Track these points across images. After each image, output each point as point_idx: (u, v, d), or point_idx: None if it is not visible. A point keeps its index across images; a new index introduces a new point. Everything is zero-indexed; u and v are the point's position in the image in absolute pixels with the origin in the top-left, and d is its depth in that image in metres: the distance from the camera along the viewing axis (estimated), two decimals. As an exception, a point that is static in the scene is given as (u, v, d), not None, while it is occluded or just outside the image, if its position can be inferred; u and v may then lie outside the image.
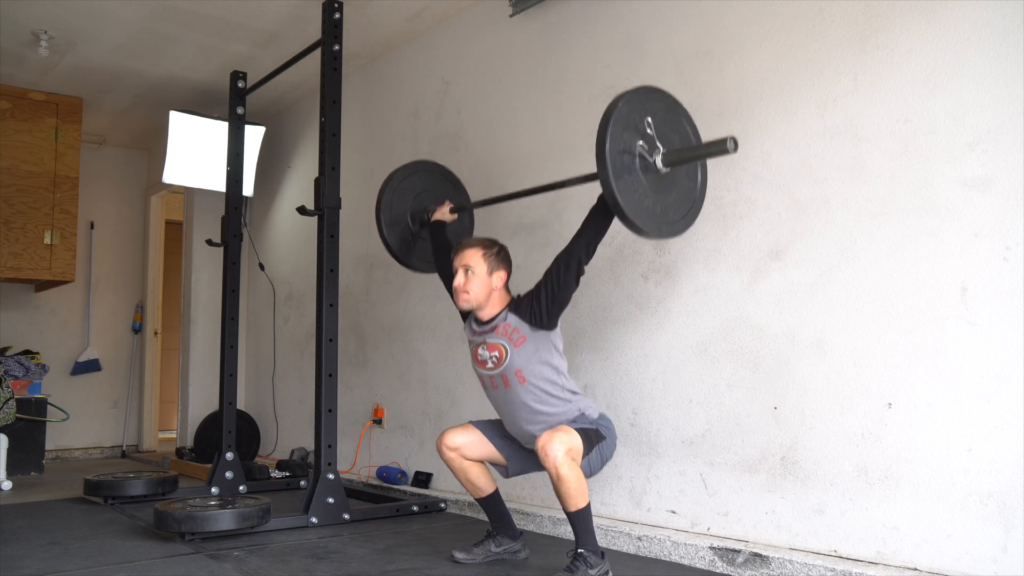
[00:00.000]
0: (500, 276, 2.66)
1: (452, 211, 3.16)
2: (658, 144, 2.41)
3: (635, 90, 2.43)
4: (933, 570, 2.26)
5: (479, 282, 2.63)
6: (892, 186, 2.42)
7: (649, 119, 2.41)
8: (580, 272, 2.50)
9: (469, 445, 2.73)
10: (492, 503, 2.81)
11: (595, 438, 2.55)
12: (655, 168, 2.40)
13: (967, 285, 2.25)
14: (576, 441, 2.44)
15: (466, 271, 2.65)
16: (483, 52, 4.07)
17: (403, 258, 3.25)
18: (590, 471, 2.53)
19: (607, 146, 2.28)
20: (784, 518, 2.62)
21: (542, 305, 2.54)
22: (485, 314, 2.66)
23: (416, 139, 4.47)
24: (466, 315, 2.78)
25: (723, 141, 2.28)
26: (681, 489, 2.94)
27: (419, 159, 3.48)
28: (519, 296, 2.66)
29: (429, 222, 3.18)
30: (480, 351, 2.66)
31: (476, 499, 2.83)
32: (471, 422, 2.82)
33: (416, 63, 4.53)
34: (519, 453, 2.74)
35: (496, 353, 2.60)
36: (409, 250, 3.26)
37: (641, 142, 2.38)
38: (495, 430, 2.77)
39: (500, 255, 2.69)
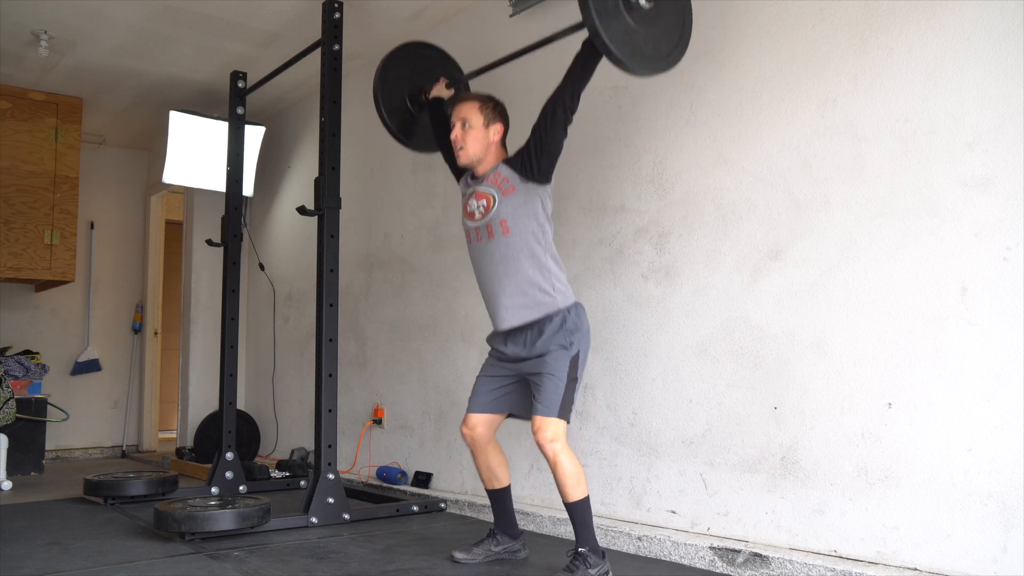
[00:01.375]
0: (497, 129, 2.69)
1: (448, 86, 3.14)
2: None
3: None
4: (933, 570, 2.26)
5: (476, 135, 2.66)
6: (892, 186, 2.43)
7: None
8: (567, 120, 2.51)
9: (486, 423, 2.69)
10: (502, 497, 2.80)
11: (573, 371, 2.52)
12: (638, 4, 2.40)
13: (967, 285, 2.25)
14: (561, 427, 2.46)
15: (463, 124, 2.67)
16: (483, 52, 4.06)
17: (408, 141, 3.23)
18: (570, 404, 2.52)
19: None
20: (784, 518, 2.62)
21: (531, 154, 2.55)
22: (481, 169, 2.68)
23: (416, 139, 4.46)
24: (461, 174, 2.80)
25: None
26: (681, 489, 2.94)
27: (402, 43, 3.42)
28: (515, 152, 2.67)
29: (428, 101, 3.14)
30: (470, 203, 2.68)
31: (488, 489, 2.80)
32: (470, 410, 2.73)
33: (416, 63, 4.53)
34: (513, 389, 2.68)
35: (484, 201, 2.62)
36: (411, 132, 3.23)
37: None
38: (489, 388, 2.71)
39: (497, 109, 2.72)
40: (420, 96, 3.23)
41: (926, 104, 2.37)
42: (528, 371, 2.58)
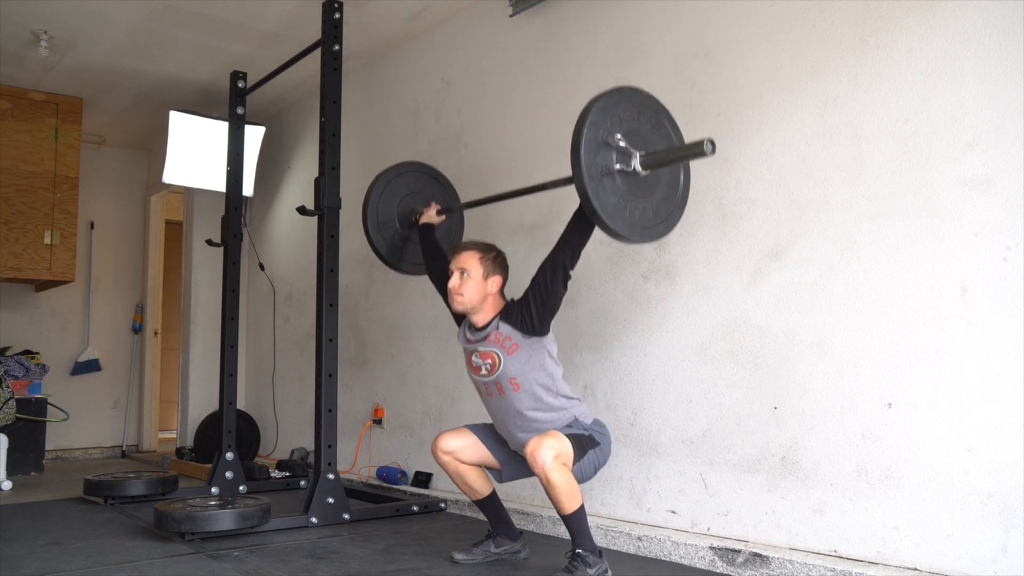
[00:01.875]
0: (495, 281, 2.66)
1: (439, 212, 3.15)
2: (635, 148, 2.37)
3: (611, 91, 2.37)
4: (933, 570, 2.26)
5: (474, 285, 2.63)
6: (892, 186, 2.42)
7: (626, 121, 2.37)
8: (567, 277, 2.50)
9: (464, 449, 2.73)
10: (490, 505, 2.81)
11: (587, 444, 2.54)
12: (633, 172, 2.36)
13: (967, 285, 2.25)
14: (565, 446, 2.44)
15: (462, 273, 2.65)
16: (483, 52, 4.07)
17: (392, 261, 3.26)
18: (582, 477, 2.52)
19: (582, 152, 2.24)
20: (784, 518, 2.62)
21: (532, 313, 2.54)
22: (478, 320, 2.66)
23: (416, 139, 4.47)
24: (460, 319, 2.79)
25: (700, 143, 2.26)
26: (681, 489, 2.94)
27: (405, 160, 3.48)
28: (512, 301, 2.66)
29: (417, 224, 3.18)
30: (474, 358, 2.66)
31: (473, 501, 2.83)
32: (466, 426, 2.81)
33: (416, 63, 4.53)
34: (513, 458, 2.74)
35: (489, 361, 2.60)
36: (398, 253, 3.26)
37: (619, 145, 2.34)
38: (490, 434, 2.77)
39: (497, 260, 2.68)
40: (411, 217, 3.26)
41: (926, 104, 2.36)
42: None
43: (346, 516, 3.49)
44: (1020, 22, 2.18)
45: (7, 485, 4.69)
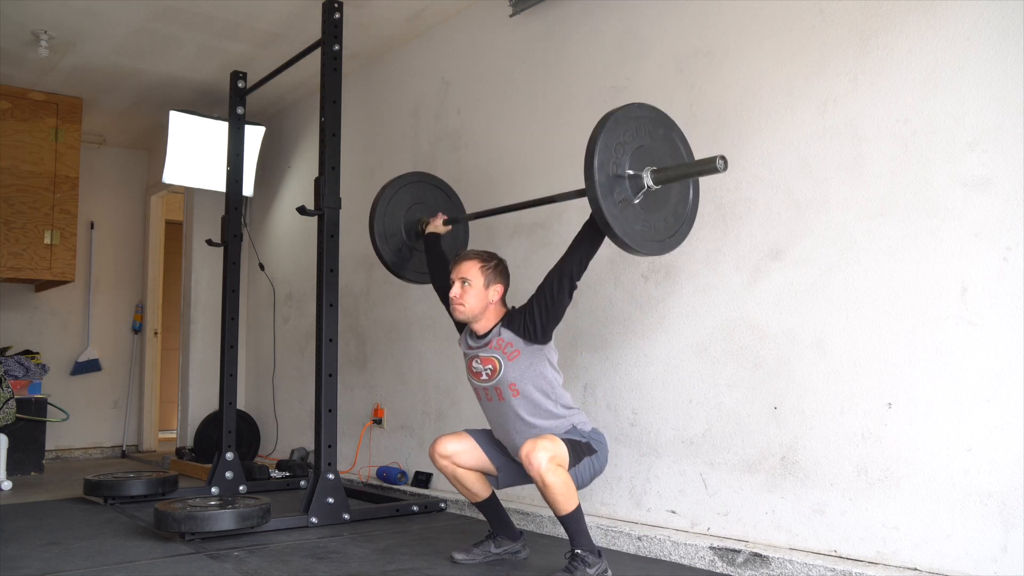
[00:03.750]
0: (496, 290, 2.66)
1: (445, 223, 3.18)
2: (647, 163, 2.43)
3: (624, 108, 2.43)
4: (933, 570, 2.26)
5: (475, 294, 2.63)
6: (892, 186, 2.42)
7: (640, 136, 2.42)
8: (573, 288, 2.51)
9: (461, 453, 2.73)
10: (489, 506, 2.81)
11: (584, 451, 2.54)
12: (645, 186, 2.41)
13: (967, 285, 2.25)
14: (560, 449, 2.43)
15: (463, 283, 2.65)
16: (483, 52, 4.07)
17: (397, 270, 3.29)
18: (579, 484, 2.51)
19: (595, 167, 2.28)
20: (784, 518, 2.62)
21: (536, 320, 2.54)
22: (480, 327, 2.66)
23: (416, 139, 4.47)
24: (461, 326, 2.79)
25: (712, 160, 2.30)
26: (681, 489, 2.94)
27: (413, 171, 3.50)
28: (513, 309, 2.66)
29: (423, 234, 3.19)
30: (474, 364, 2.67)
31: (473, 503, 2.83)
32: (465, 430, 2.81)
33: (416, 63, 4.53)
34: (510, 464, 2.74)
35: (490, 366, 2.61)
36: (403, 262, 3.30)
37: (630, 161, 2.38)
38: (488, 440, 2.77)
39: (498, 269, 2.69)
40: (417, 227, 3.29)
41: (926, 104, 2.36)
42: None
43: (346, 516, 3.49)
44: (1020, 22, 2.18)
45: (7, 485, 4.69)
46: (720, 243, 2.89)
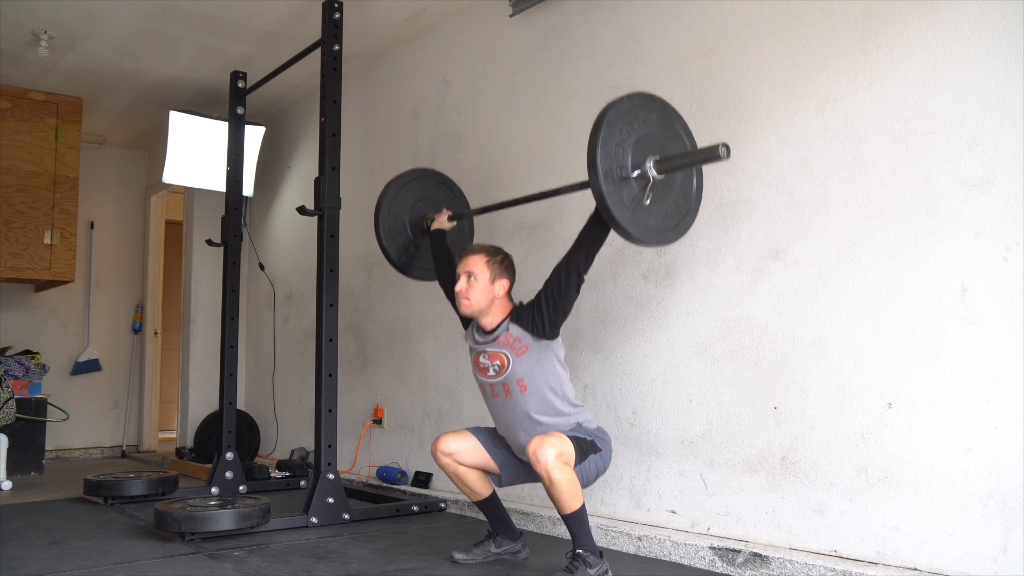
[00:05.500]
0: (502, 284, 2.66)
1: (450, 219, 3.17)
2: (648, 152, 2.40)
3: (626, 97, 2.40)
4: (933, 570, 2.26)
5: (481, 288, 2.63)
6: (892, 186, 2.42)
7: (641, 125, 2.40)
8: (580, 281, 2.51)
9: (464, 451, 2.73)
10: (490, 506, 2.81)
11: (589, 449, 2.54)
12: (648, 176, 2.39)
13: (967, 285, 2.25)
14: (567, 446, 2.43)
15: (469, 277, 2.65)
16: (483, 52, 4.07)
17: (403, 267, 3.27)
18: (583, 482, 2.51)
19: (598, 157, 2.27)
20: (784, 518, 2.62)
21: (543, 315, 2.54)
22: (487, 322, 2.66)
23: (416, 139, 4.47)
24: (467, 322, 2.79)
25: (715, 148, 2.28)
26: (681, 489, 2.94)
27: (417, 167, 3.49)
28: (520, 304, 2.66)
29: (428, 230, 3.19)
30: (481, 359, 2.66)
31: (474, 502, 2.83)
32: (467, 428, 2.81)
33: (416, 63, 4.53)
34: (513, 462, 2.74)
35: (498, 362, 2.61)
36: (409, 259, 3.28)
37: (632, 150, 2.37)
38: (490, 438, 2.77)
39: (504, 263, 2.69)
40: (422, 223, 3.27)
41: (926, 104, 2.36)
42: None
43: (346, 516, 3.49)
44: (1020, 22, 2.18)
45: (7, 485, 4.69)
46: (720, 243, 2.89)
